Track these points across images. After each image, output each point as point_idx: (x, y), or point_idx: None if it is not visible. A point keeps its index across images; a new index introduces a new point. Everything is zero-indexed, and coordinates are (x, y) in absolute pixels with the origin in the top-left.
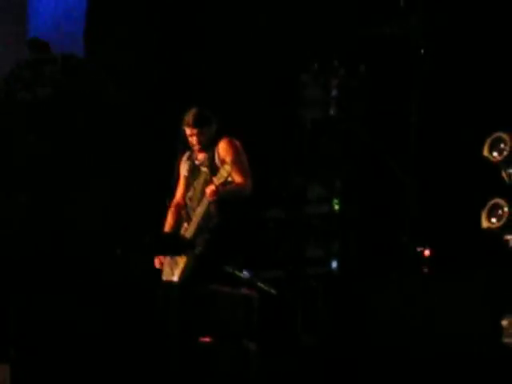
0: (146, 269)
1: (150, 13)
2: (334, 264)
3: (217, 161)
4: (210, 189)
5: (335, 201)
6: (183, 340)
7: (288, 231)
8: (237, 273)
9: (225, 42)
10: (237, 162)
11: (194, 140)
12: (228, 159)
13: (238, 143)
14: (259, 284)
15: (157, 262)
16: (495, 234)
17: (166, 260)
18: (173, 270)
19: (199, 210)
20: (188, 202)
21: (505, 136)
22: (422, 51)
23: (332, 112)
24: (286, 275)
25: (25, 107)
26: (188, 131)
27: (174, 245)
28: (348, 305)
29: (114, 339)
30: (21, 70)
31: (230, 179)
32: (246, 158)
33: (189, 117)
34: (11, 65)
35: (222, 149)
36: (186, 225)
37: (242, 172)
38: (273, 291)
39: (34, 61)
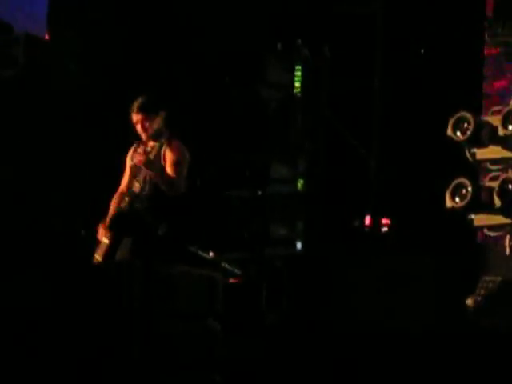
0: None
1: None
2: (299, 244)
3: (162, 161)
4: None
5: (299, 180)
6: (147, 321)
7: (252, 211)
8: (201, 253)
9: (189, 20)
10: (175, 164)
11: (139, 127)
12: (168, 158)
13: (182, 147)
14: (223, 264)
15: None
16: (459, 214)
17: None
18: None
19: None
20: (129, 188)
21: (468, 115)
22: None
23: (295, 91)
24: (251, 255)
25: None
26: (134, 118)
27: (135, 225)
28: (312, 284)
29: (79, 317)
30: None
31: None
32: (186, 165)
33: (134, 103)
34: None
35: (169, 151)
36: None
37: (177, 173)
38: (237, 271)
39: None
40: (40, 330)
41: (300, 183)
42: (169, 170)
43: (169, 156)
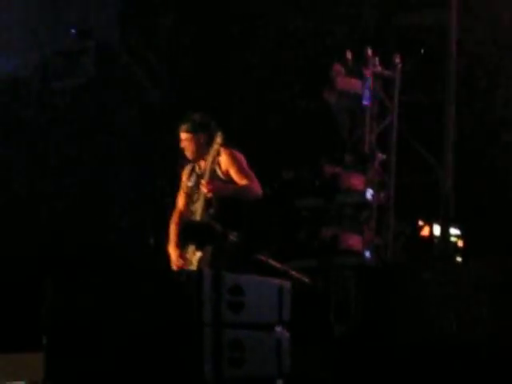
0: None
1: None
2: (368, 254)
3: (219, 173)
4: (204, 182)
5: (369, 190)
6: (216, 331)
7: (322, 220)
8: (270, 261)
9: (258, 31)
10: (240, 171)
11: (187, 146)
12: (231, 170)
13: (237, 153)
14: (292, 273)
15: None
16: None
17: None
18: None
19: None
20: (193, 213)
21: None
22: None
23: (365, 102)
24: (320, 265)
25: (58, 97)
26: (183, 136)
27: (204, 233)
28: (381, 295)
29: (148, 326)
30: (54, 59)
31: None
32: (248, 167)
33: (183, 123)
34: (44, 53)
35: (223, 161)
36: None
37: (247, 177)
38: (306, 280)
39: (68, 50)
40: (113, 338)
41: (370, 193)
42: (237, 178)
43: (228, 166)
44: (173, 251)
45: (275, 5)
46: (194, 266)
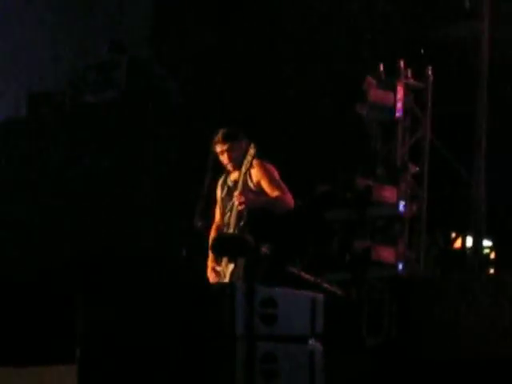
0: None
1: (217, 15)
2: (400, 266)
3: (250, 185)
4: (237, 194)
5: (401, 202)
6: (250, 341)
7: (355, 233)
8: (303, 274)
9: (291, 44)
10: (272, 182)
11: (225, 157)
12: (263, 182)
13: (269, 165)
14: (324, 285)
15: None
16: None
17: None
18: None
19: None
20: (226, 224)
21: None
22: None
23: (398, 114)
24: (353, 277)
25: (90, 110)
26: (218, 148)
27: (236, 246)
28: (413, 307)
29: (181, 339)
30: (87, 72)
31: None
32: (280, 178)
33: (218, 134)
34: (77, 66)
35: (255, 173)
36: None
37: (279, 189)
38: (338, 292)
39: (100, 63)
40: (145, 351)
41: (402, 205)
42: (269, 190)
43: (259, 177)
44: (209, 263)
45: (308, 18)
46: (226, 279)
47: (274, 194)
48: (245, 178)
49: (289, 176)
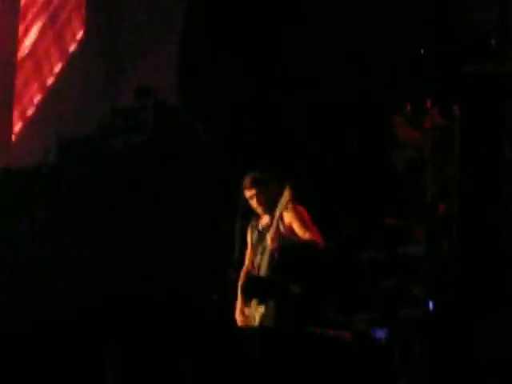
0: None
1: (242, 61)
2: (431, 306)
3: (281, 228)
4: (270, 236)
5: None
6: None
7: (384, 272)
8: (332, 315)
9: (317, 83)
10: (303, 225)
11: (254, 202)
12: (294, 224)
13: (300, 207)
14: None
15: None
16: None
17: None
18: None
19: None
20: (256, 267)
21: None
22: None
23: (425, 153)
24: (383, 317)
25: (119, 154)
26: (247, 193)
27: (268, 288)
28: (446, 348)
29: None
30: (115, 117)
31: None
32: (310, 220)
33: (246, 179)
34: (106, 111)
35: (287, 216)
36: None
37: (310, 231)
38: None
39: (127, 108)
40: None
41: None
42: (300, 232)
43: (291, 220)
44: (237, 306)
45: (335, 58)
46: (256, 322)
47: (306, 236)
48: (277, 221)
49: (319, 215)
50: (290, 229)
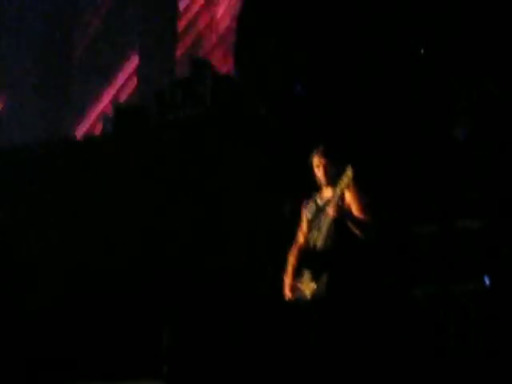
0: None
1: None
2: (487, 280)
3: (343, 204)
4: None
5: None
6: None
7: (440, 246)
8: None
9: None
10: (365, 205)
11: (320, 171)
12: (353, 206)
13: (363, 194)
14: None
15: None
16: None
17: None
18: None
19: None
20: (311, 243)
21: None
22: None
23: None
24: (439, 291)
25: (176, 126)
26: (316, 161)
27: (323, 262)
28: (499, 321)
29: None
30: (173, 89)
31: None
32: (374, 204)
33: (319, 148)
34: (163, 83)
35: (348, 196)
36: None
37: (367, 213)
38: None
39: (185, 80)
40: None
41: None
42: (358, 212)
43: (351, 202)
44: (287, 281)
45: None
46: (308, 297)
47: (363, 217)
48: (338, 198)
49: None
50: (349, 208)
